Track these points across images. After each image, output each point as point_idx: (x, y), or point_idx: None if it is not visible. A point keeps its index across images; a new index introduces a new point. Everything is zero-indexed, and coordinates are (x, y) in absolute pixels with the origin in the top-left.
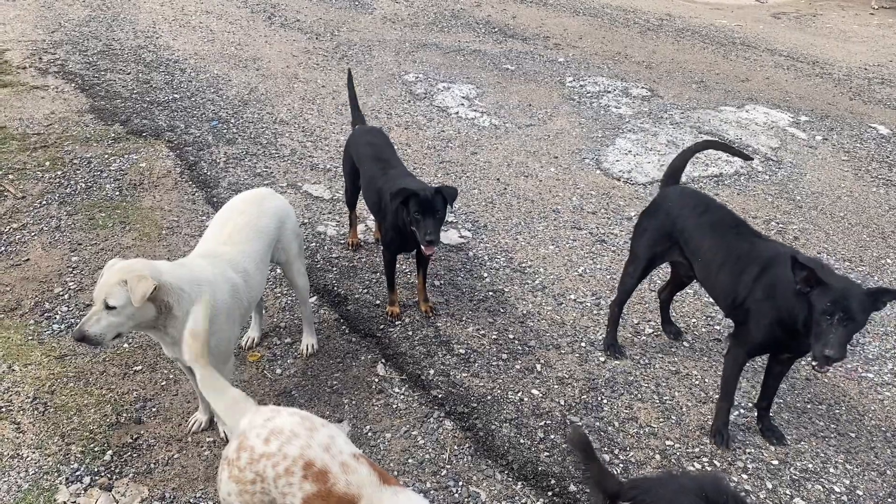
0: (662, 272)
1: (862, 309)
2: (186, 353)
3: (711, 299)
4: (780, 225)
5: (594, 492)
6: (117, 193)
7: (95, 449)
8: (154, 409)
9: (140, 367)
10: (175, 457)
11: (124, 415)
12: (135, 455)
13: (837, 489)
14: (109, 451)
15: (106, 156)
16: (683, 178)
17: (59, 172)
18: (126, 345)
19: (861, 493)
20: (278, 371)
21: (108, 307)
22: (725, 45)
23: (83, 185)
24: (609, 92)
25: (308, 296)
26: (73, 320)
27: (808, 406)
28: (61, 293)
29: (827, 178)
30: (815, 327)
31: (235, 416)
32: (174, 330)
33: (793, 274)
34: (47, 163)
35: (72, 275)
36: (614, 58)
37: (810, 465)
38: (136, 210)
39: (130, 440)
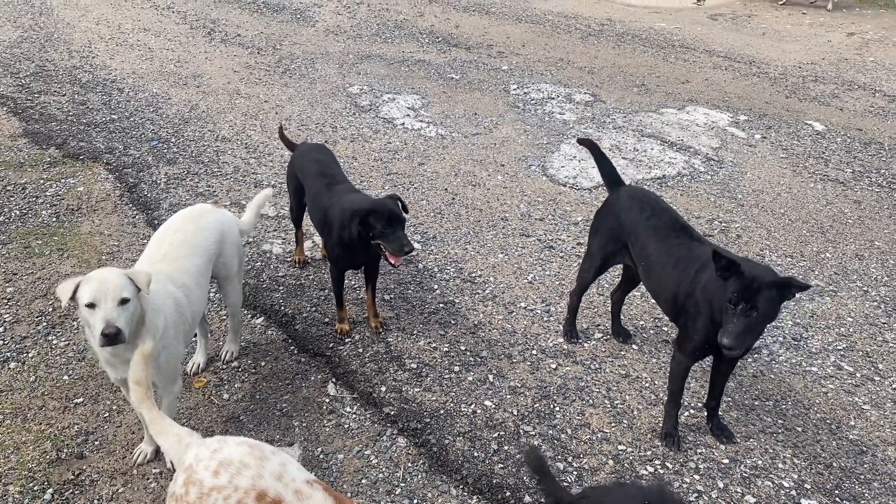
0: (613, 275)
1: (767, 299)
2: (133, 398)
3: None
4: (723, 224)
5: None
6: (54, 220)
7: (35, 488)
8: (97, 443)
9: (81, 399)
10: (120, 491)
11: (65, 450)
12: (77, 492)
13: (786, 484)
14: (50, 490)
15: (41, 181)
16: (630, 182)
17: None
18: (66, 377)
19: (809, 487)
20: (225, 396)
21: (123, 301)
22: (665, 47)
23: (17, 212)
24: (553, 98)
25: (240, 312)
26: (8, 354)
27: (756, 403)
28: None
29: (767, 175)
30: (723, 314)
31: (181, 452)
32: (139, 340)
33: (715, 265)
34: None
35: (7, 306)
36: (557, 64)
37: (760, 462)
38: (75, 236)
39: (72, 476)
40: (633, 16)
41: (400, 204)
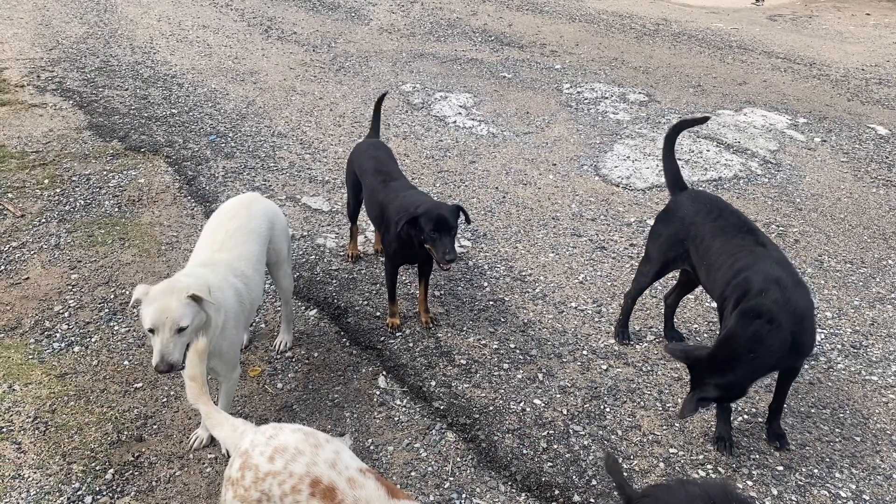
0: (667, 277)
1: None
2: (188, 393)
3: (713, 304)
4: (781, 228)
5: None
6: (116, 210)
7: (97, 468)
8: (155, 427)
9: (141, 385)
10: (177, 474)
11: (125, 433)
12: (136, 473)
13: (843, 494)
14: (111, 470)
15: (104, 172)
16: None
17: (57, 190)
18: (126, 362)
19: (867, 498)
20: (279, 385)
21: (180, 329)
22: (722, 48)
23: (82, 202)
24: (606, 98)
25: (291, 297)
26: (73, 338)
27: (812, 410)
28: (61, 311)
29: (826, 179)
30: None
31: (237, 439)
32: (204, 335)
33: None
34: (46, 180)
35: (72, 293)
36: (611, 63)
37: (815, 470)
38: (136, 226)
39: (132, 458)
40: (689, 16)
41: (463, 215)
